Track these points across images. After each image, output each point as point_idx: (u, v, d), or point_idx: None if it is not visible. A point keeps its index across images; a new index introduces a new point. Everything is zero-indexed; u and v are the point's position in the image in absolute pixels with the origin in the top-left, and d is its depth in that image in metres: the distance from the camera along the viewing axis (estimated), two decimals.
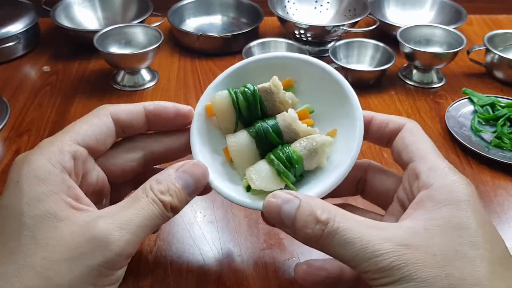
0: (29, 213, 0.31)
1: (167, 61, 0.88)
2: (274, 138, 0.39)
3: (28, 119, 0.73)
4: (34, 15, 0.90)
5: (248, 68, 0.43)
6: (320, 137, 0.39)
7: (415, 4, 1.02)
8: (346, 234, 0.30)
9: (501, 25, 1.03)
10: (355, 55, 0.85)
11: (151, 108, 0.40)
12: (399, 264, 0.29)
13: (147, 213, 0.33)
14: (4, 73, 0.84)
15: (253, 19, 0.96)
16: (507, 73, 0.82)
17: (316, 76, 0.41)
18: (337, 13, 0.98)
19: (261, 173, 0.38)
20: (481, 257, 0.29)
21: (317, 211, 0.31)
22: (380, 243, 0.30)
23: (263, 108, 0.41)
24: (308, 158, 0.38)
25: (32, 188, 0.32)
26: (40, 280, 0.29)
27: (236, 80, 0.42)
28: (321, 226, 0.31)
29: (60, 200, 0.32)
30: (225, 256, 0.50)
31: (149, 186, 0.34)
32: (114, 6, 0.98)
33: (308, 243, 0.32)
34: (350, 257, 0.30)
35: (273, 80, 0.40)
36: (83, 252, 0.30)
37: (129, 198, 0.34)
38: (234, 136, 0.40)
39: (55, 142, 0.34)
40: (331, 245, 0.31)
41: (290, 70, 0.42)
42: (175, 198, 0.34)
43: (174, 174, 0.35)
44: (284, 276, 0.48)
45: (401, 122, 0.38)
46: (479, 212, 0.31)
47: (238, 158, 0.40)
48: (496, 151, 0.66)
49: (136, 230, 0.32)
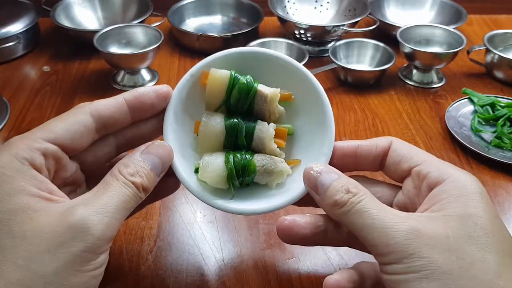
0: (2, 209, 0.31)
1: (167, 61, 0.88)
2: (242, 141, 0.40)
3: (28, 119, 0.73)
4: (34, 15, 0.90)
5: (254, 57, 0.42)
6: (282, 164, 0.39)
7: (415, 4, 1.02)
8: (367, 206, 0.33)
9: (501, 25, 1.03)
10: (355, 55, 0.85)
11: (131, 98, 0.39)
12: (411, 239, 0.30)
13: (121, 196, 0.33)
14: (4, 73, 0.84)
15: (253, 19, 0.96)
16: (507, 73, 0.82)
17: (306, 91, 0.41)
18: (337, 13, 0.98)
19: (212, 167, 0.39)
20: (492, 245, 0.30)
21: (350, 185, 0.34)
22: (397, 220, 0.32)
23: (251, 107, 0.41)
24: (261, 175, 0.39)
25: (2, 185, 0.31)
26: (23, 273, 0.29)
27: (240, 63, 0.42)
28: (349, 196, 0.34)
29: (32, 194, 0.32)
30: (225, 256, 0.50)
31: (118, 170, 0.34)
32: (114, 6, 0.98)
33: (332, 210, 0.35)
34: (365, 226, 0.32)
35: (274, 92, 0.40)
36: (63, 241, 0.30)
37: (99, 185, 0.34)
38: (211, 116, 0.40)
39: (25, 139, 0.34)
40: (352, 212, 0.33)
41: (291, 77, 0.42)
42: (145, 179, 0.35)
43: (140, 156, 0.36)
44: (284, 276, 0.48)
45: (387, 140, 0.40)
46: (490, 205, 0.33)
47: (202, 138, 0.41)
48: (496, 151, 0.66)
49: (114, 213, 0.32)
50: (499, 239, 0.31)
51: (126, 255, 0.50)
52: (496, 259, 0.30)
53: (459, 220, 0.31)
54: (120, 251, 0.50)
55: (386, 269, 0.32)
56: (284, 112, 0.42)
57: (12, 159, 0.32)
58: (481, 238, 0.30)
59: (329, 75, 0.84)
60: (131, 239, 0.52)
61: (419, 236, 0.30)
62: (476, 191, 0.33)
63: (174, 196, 0.58)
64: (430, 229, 0.31)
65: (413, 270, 0.30)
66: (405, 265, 0.30)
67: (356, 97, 0.79)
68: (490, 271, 0.29)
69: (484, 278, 0.29)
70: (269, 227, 0.53)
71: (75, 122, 0.36)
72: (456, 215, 0.31)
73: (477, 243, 0.30)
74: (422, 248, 0.30)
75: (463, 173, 0.35)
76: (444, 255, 0.30)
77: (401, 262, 0.30)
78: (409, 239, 0.30)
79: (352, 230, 0.34)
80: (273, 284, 0.48)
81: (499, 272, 0.29)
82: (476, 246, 0.30)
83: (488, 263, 0.29)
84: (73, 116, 0.36)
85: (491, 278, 0.29)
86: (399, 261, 0.30)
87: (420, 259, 0.30)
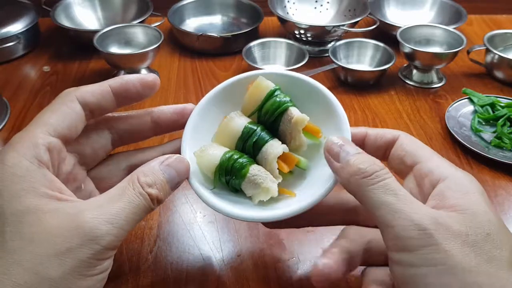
0: (11, 210, 0.30)
1: (167, 61, 0.88)
2: (249, 147, 0.41)
3: (28, 119, 0.73)
4: (34, 15, 0.90)
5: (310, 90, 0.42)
6: (271, 184, 0.39)
7: (415, 4, 1.02)
8: (392, 184, 0.32)
9: (501, 25, 1.03)
10: (355, 55, 0.85)
11: (117, 85, 0.39)
12: (433, 229, 0.30)
13: (134, 207, 0.33)
14: (4, 73, 0.84)
15: (253, 19, 0.96)
16: (507, 73, 0.82)
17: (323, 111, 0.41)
18: (337, 13, 0.98)
19: (210, 152, 0.39)
20: (505, 243, 0.31)
21: (377, 161, 0.33)
22: (420, 206, 0.31)
23: (277, 125, 0.41)
24: (248, 184, 0.39)
25: (11, 186, 0.31)
26: (30, 276, 0.29)
27: (290, 86, 0.43)
28: (375, 168, 0.33)
29: (42, 194, 0.32)
30: (225, 256, 0.50)
31: (136, 177, 0.34)
32: (114, 6, 0.98)
33: (351, 178, 0.33)
34: (386, 203, 0.31)
35: (301, 116, 0.40)
36: (71, 247, 0.30)
37: (115, 189, 0.34)
38: (239, 115, 0.42)
39: (27, 136, 0.34)
40: (375, 186, 0.32)
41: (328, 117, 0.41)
42: (161, 191, 0.35)
43: (159, 166, 0.36)
44: (284, 276, 0.48)
45: (395, 133, 0.39)
46: (491, 204, 0.33)
47: (221, 130, 0.42)
48: (496, 151, 0.66)
49: (124, 223, 0.32)
50: (509, 237, 0.31)
51: (126, 255, 0.50)
52: (509, 256, 0.30)
53: (475, 217, 0.31)
54: (120, 251, 0.50)
55: (399, 258, 0.31)
56: (306, 144, 0.41)
57: (20, 159, 0.32)
58: (496, 235, 0.30)
59: (329, 75, 0.84)
60: (131, 239, 0.52)
61: (440, 228, 0.30)
62: (478, 190, 0.33)
63: (174, 196, 0.58)
64: (451, 224, 0.30)
65: (431, 263, 0.29)
66: (423, 256, 0.29)
67: (356, 97, 0.79)
68: (504, 268, 0.29)
69: (499, 275, 0.29)
70: None
71: (68, 112, 0.36)
72: (470, 212, 0.31)
73: (493, 240, 0.30)
74: (443, 241, 0.29)
75: (463, 172, 0.35)
76: (463, 251, 0.29)
77: (418, 250, 0.29)
78: (432, 229, 0.30)
79: (369, 205, 0.32)
80: (273, 284, 0.48)
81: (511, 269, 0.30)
82: (492, 244, 0.30)
83: (502, 260, 0.30)
84: (63, 105, 0.36)
85: (505, 275, 0.29)
86: (416, 249, 0.29)
87: (439, 251, 0.29)
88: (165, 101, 0.77)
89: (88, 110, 0.38)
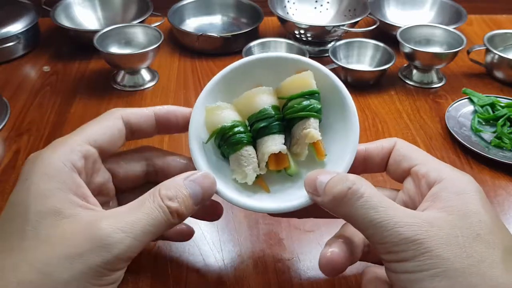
0: (34, 209, 0.31)
1: (167, 61, 0.88)
2: (256, 129, 0.40)
3: (28, 119, 0.73)
4: (34, 15, 0.90)
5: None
6: (249, 174, 0.39)
7: (415, 4, 1.02)
8: (372, 200, 0.32)
9: (501, 25, 1.03)
10: (355, 55, 0.85)
11: (162, 113, 0.41)
12: (423, 238, 0.30)
13: (152, 218, 0.33)
14: (4, 73, 0.84)
15: (253, 19, 0.96)
16: (507, 73, 0.82)
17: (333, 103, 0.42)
18: (337, 13, 0.98)
19: (216, 115, 0.40)
20: (497, 242, 0.31)
21: (349, 176, 0.33)
22: (405, 216, 0.31)
23: (293, 122, 0.41)
24: (234, 159, 0.40)
25: (40, 185, 0.32)
26: (37, 275, 0.29)
27: None
28: (348, 184, 0.32)
29: (66, 198, 0.32)
30: (225, 256, 0.50)
31: (158, 190, 0.34)
32: (114, 6, 0.98)
33: (334, 208, 0.33)
34: (371, 223, 0.31)
35: (314, 136, 0.40)
36: (82, 252, 0.30)
37: (136, 201, 0.34)
38: (268, 92, 0.41)
39: (67, 141, 0.35)
40: (355, 206, 0.32)
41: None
42: (182, 205, 0.34)
43: (183, 181, 0.35)
44: (284, 276, 0.48)
45: (391, 141, 0.40)
46: (488, 203, 0.33)
47: (245, 97, 0.41)
48: (496, 151, 0.66)
49: (139, 234, 0.32)
50: (502, 236, 0.31)
51: None
52: (502, 256, 0.30)
53: (465, 218, 0.31)
54: None
55: (394, 267, 0.31)
56: (305, 156, 0.41)
57: (54, 160, 0.33)
58: (487, 235, 0.31)
59: None
60: None
61: (430, 235, 0.30)
62: (475, 190, 0.33)
63: None
64: (440, 227, 0.31)
65: (424, 268, 0.30)
66: (417, 263, 0.30)
67: (356, 97, 0.79)
68: (498, 267, 0.30)
69: (492, 275, 0.29)
70: (269, 227, 0.53)
71: (109, 126, 0.38)
72: (461, 213, 0.32)
73: (485, 241, 0.30)
74: (434, 247, 0.30)
75: (461, 173, 0.35)
76: (455, 253, 0.30)
77: (412, 260, 0.30)
78: (421, 238, 0.30)
79: (357, 226, 0.33)
80: (273, 284, 0.48)
81: (505, 268, 0.30)
82: (484, 244, 0.30)
83: (495, 260, 0.30)
84: (107, 121, 0.38)
85: (499, 274, 0.29)
86: (410, 259, 0.30)
87: (432, 257, 0.30)
88: (165, 101, 0.77)
89: (129, 129, 0.39)
